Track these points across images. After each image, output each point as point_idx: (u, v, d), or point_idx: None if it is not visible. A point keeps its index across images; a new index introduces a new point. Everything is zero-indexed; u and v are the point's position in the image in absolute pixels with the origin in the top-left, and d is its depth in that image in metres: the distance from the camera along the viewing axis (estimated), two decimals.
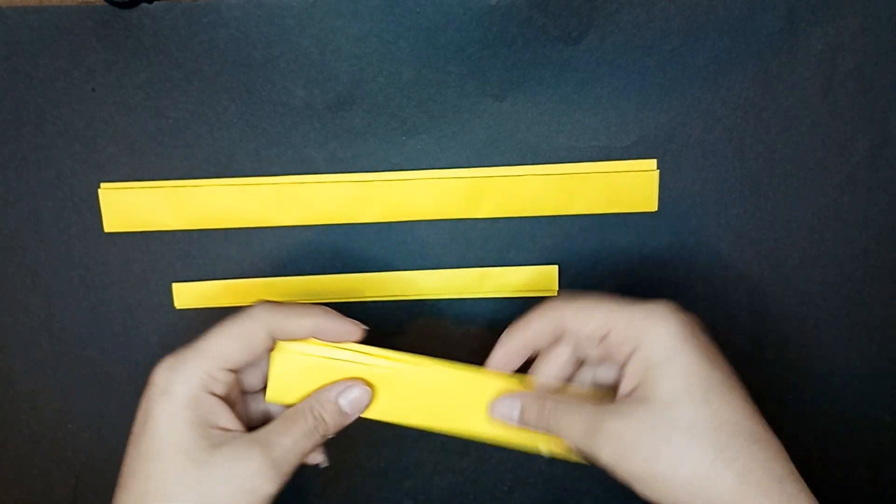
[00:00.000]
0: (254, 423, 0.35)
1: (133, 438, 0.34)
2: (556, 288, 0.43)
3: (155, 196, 0.41)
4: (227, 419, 0.34)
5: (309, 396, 0.36)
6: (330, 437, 0.35)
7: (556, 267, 0.43)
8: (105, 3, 0.38)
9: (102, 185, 0.41)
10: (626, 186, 0.41)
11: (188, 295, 0.43)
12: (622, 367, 0.34)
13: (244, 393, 0.37)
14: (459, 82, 0.40)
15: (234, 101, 0.40)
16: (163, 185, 0.41)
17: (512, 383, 0.36)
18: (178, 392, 0.33)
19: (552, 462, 0.45)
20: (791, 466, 0.32)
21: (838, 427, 0.45)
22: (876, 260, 0.43)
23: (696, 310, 0.43)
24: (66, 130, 0.41)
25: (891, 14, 0.40)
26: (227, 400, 0.34)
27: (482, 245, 0.43)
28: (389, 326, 0.43)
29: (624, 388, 0.34)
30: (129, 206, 0.41)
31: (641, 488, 0.32)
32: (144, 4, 0.38)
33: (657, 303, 0.34)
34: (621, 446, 0.32)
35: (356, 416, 0.36)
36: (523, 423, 0.35)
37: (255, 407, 0.37)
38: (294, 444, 0.34)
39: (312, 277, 0.43)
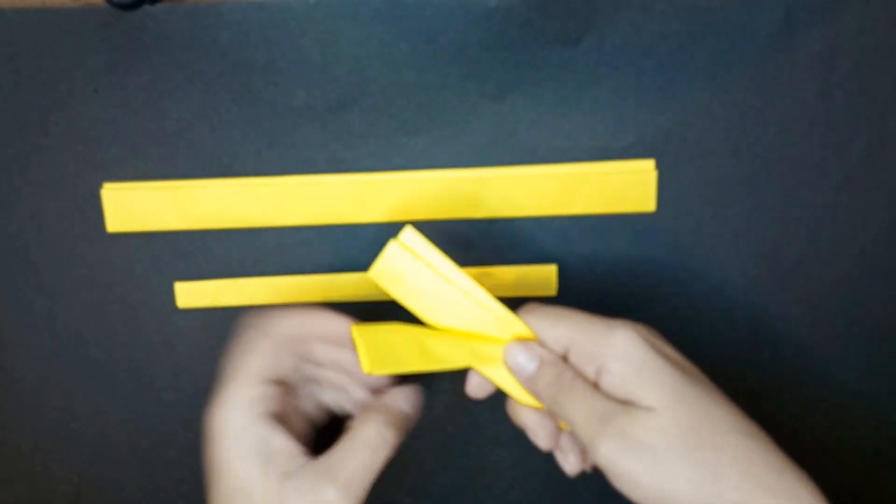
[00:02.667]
0: (317, 423, 0.36)
1: (210, 489, 0.34)
2: (556, 288, 0.43)
3: (157, 196, 0.42)
4: (289, 444, 0.34)
5: (365, 410, 0.35)
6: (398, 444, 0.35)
7: (555, 267, 0.43)
8: (107, 5, 0.38)
9: (105, 185, 0.42)
10: (625, 187, 0.42)
11: (190, 294, 0.43)
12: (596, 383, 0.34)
13: (297, 395, 0.37)
14: (459, 83, 0.40)
15: (235, 102, 0.41)
16: (165, 186, 0.42)
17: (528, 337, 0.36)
18: (237, 432, 0.33)
19: (552, 460, 0.45)
20: (785, 456, 0.32)
21: (838, 427, 0.45)
22: (874, 259, 0.43)
23: (696, 310, 0.43)
24: (68, 131, 0.41)
25: (888, 15, 0.40)
26: (279, 417, 0.34)
27: (482, 245, 0.43)
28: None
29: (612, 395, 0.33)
30: (132, 206, 0.42)
31: (638, 492, 0.31)
32: (147, 6, 0.39)
33: (616, 321, 0.34)
34: (627, 444, 0.31)
35: (417, 415, 0.36)
36: (532, 381, 0.35)
37: (311, 409, 0.38)
38: (363, 466, 0.33)
39: (313, 277, 0.43)
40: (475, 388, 0.37)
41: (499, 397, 0.44)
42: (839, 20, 0.40)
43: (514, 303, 0.43)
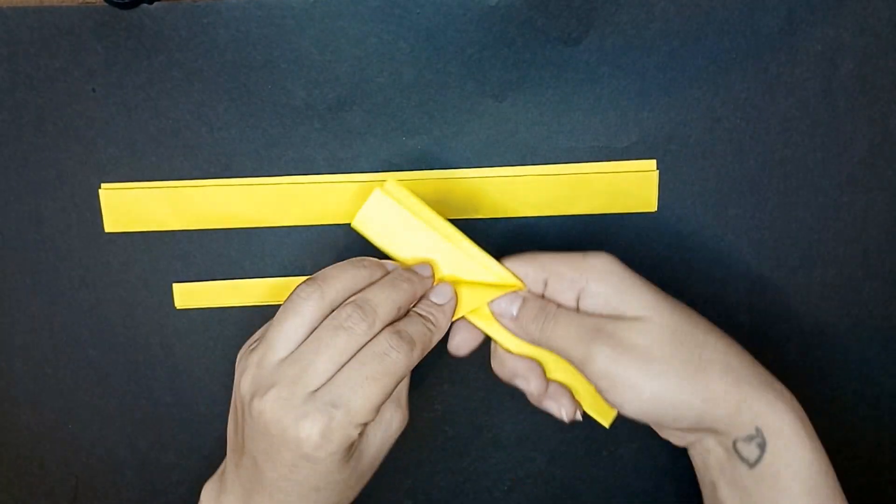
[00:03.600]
0: None
1: (234, 426, 0.35)
2: None
3: (155, 196, 0.41)
4: None
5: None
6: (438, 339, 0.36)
7: None
8: (105, 4, 0.38)
9: (103, 185, 0.41)
10: (626, 187, 0.41)
11: (189, 295, 0.43)
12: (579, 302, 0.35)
13: None
14: (459, 83, 0.40)
15: (234, 101, 0.40)
16: (163, 186, 0.41)
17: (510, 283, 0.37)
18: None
19: (552, 462, 0.45)
20: (767, 371, 0.35)
21: (838, 427, 0.45)
22: (876, 260, 0.43)
23: (697, 310, 0.43)
24: (66, 131, 0.41)
25: (890, 15, 0.40)
26: None
27: (482, 245, 0.43)
28: None
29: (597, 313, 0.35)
30: (130, 207, 0.41)
31: (633, 395, 0.33)
32: (145, 5, 0.39)
33: (590, 251, 0.36)
34: (620, 349, 0.33)
35: (451, 310, 0.36)
36: (519, 323, 0.36)
37: None
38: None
39: None
40: (458, 346, 0.38)
41: (498, 401, 0.44)
42: (841, 20, 0.40)
43: None
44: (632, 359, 0.33)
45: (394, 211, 0.36)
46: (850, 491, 0.45)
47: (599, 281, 0.35)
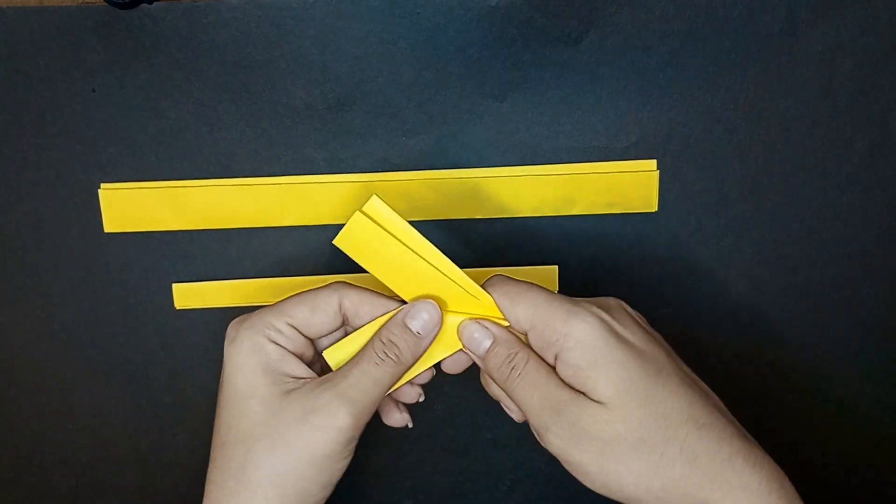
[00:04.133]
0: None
1: (218, 396, 0.34)
2: (557, 288, 0.43)
3: (155, 196, 0.41)
4: (298, 368, 0.34)
5: (378, 327, 0.35)
6: (409, 366, 0.34)
7: (555, 267, 0.43)
8: (105, 4, 0.38)
9: (102, 185, 0.41)
10: (626, 187, 0.41)
11: (188, 295, 0.43)
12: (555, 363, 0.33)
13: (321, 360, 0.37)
14: (459, 83, 0.40)
15: (234, 101, 0.40)
16: (163, 186, 0.41)
17: (492, 312, 0.35)
18: (243, 338, 0.33)
19: (552, 462, 0.45)
20: (742, 443, 0.32)
21: (838, 427, 0.45)
22: (876, 260, 0.43)
23: (696, 310, 0.43)
24: (66, 131, 0.41)
25: (890, 14, 0.40)
26: (299, 356, 0.34)
27: (482, 245, 0.43)
28: None
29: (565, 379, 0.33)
30: (130, 207, 0.41)
31: (588, 479, 0.32)
32: (144, 5, 0.38)
33: (577, 304, 0.33)
34: (577, 435, 0.32)
35: (430, 339, 0.34)
36: (485, 360, 0.34)
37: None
38: (363, 373, 0.33)
39: (312, 277, 0.43)
40: (450, 365, 0.37)
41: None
42: (841, 20, 0.40)
43: None
44: (587, 448, 0.32)
45: (375, 232, 0.35)
46: (850, 491, 0.45)
47: (574, 351, 0.32)
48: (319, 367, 0.37)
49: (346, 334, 0.36)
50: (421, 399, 0.37)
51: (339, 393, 0.32)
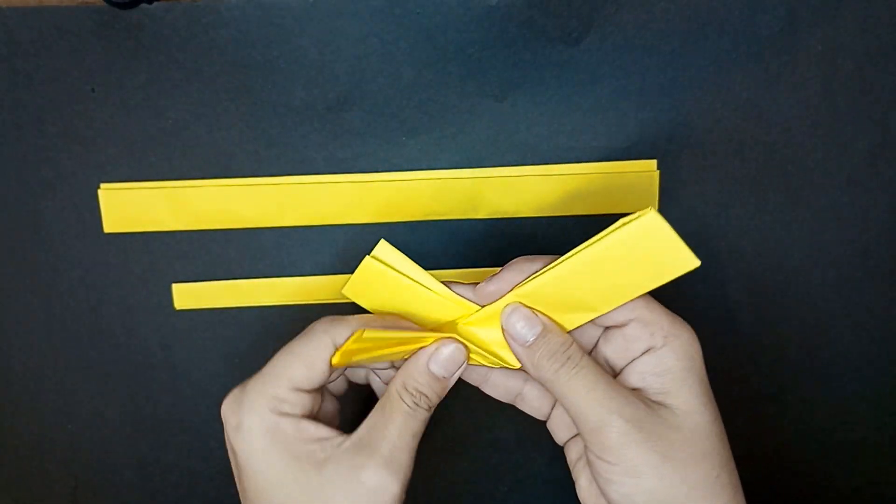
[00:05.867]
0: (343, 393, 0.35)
1: (238, 484, 0.32)
2: None
3: (155, 196, 0.41)
4: (317, 430, 0.31)
5: (398, 373, 0.33)
6: (435, 406, 0.33)
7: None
8: (105, 4, 0.38)
9: (102, 185, 0.41)
10: (627, 187, 0.41)
11: (188, 295, 0.43)
12: (627, 362, 0.32)
13: (334, 406, 0.36)
14: (459, 83, 0.40)
15: (233, 101, 0.40)
16: (163, 186, 0.41)
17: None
18: (251, 424, 0.31)
19: (552, 463, 0.45)
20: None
21: (838, 427, 0.45)
22: (876, 260, 0.43)
23: (697, 310, 0.43)
24: (65, 131, 0.41)
25: (891, 14, 0.40)
26: (311, 415, 0.32)
27: (482, 245, 0.43)
28: None
29: (630, 383, 0.32)
30: (129, 207, 0.41)
31: (626, 484, 0.30)
32: (144, 5, 0.38)
33: (681, 320, 0.33)
34: (642, 431, 0.30)
35: (456, 377, 0.33)
36: (531, 353, 0.32)
37: (339, 387, 0.37)
38: (400, 432, 0.31)
39: (312, 278, 0.43)
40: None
41: (499, 401, 0.44)
42: (842, 19, 0.40)
43: None
44: (649, 447, 0.29)
45: (384, 276, 0.34)
46: (850, 491, 0.45)
47: (672, 352, 0.31)
48: (331, 406, 0.36)
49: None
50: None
51: (385, 462, 0.30)
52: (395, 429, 0.31)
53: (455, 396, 0.44)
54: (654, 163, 0.41)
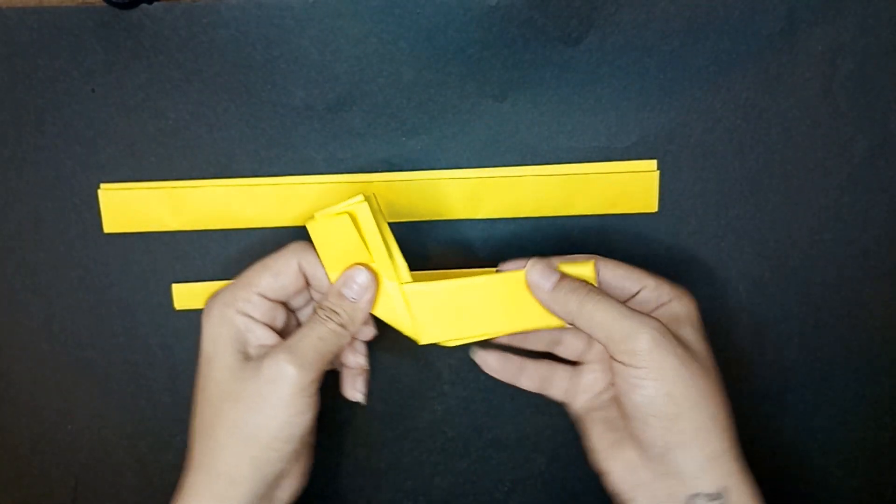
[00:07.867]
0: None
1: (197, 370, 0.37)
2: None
3: (155, 197, 0.41)
4: (264, 335, 0.37)
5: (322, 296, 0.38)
6: (355, 330, 0.37)
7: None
8: (105, 4, 0.38)
9: (102, 185, 0.41)
10: (627, 187, 0.41)
11: (188, 296, 0.43)
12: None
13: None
14: (459, 83, 0.40)
15: (233, 101, 0.40)
16: (162, 186, 0.41)
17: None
18: (215, 312, 0.36)
19: (552, 463, 0.45)
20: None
21: (838, 427, 0.45)
22: (876, 260, 0.43)
23: (696, 309, 0.43)
24: (65, 131, 0.41)
25: (891, 15, 0.40)
26: (270, 325, 0.37)
27: (482, 245, 0.43)
28: (389, 328, 0.43)
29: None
30: (129, 207, 0.41)
31: (651, 385, 0.34)
32: (144, 5, 0.38)
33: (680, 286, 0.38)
34: (669, 334, 0.34)
35: (367, 303, 0.37)
36: (556, 296, 0.36)
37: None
38: (307, 332, 0.36)
39: None
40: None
41: (499, 402, 0.44)
42: (841, 20, 0.40)
43: None
44: (671, 352, 0.34)
45: (352, 236, 0.36)
46: (850, 491, 0.45)
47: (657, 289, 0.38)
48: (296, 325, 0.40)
49: (312, 298, 0.39)
50: (364, 402, 0.40)
51: (285, 348, 0.35)
52: (305, 329, 0.36)
53: (455, 397, 0.44)
54: (654, 163, 0.41)
